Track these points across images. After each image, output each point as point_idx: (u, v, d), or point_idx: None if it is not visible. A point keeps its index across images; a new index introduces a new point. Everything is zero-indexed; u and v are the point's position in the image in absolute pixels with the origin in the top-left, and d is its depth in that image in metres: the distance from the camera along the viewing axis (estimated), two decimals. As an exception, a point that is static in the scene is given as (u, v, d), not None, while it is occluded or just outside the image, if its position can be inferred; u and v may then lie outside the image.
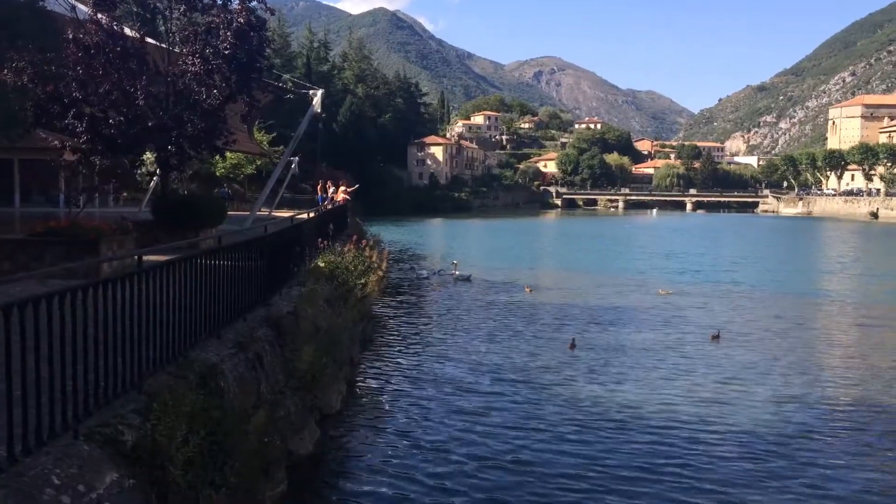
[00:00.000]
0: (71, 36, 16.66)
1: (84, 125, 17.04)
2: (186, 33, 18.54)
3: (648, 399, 14.39)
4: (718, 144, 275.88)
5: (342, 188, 34.46)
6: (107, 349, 5.73)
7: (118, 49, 17.04)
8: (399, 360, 17.81)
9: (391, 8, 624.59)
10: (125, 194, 31.78)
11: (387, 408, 13.73)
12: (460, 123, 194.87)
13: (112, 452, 5.42)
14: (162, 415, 6.01)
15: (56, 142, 20.40)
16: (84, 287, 5.41)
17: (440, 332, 21.29)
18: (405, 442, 11.69)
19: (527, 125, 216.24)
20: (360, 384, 15.35)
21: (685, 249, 53.54)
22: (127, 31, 18.43)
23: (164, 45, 19.77)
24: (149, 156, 25.13)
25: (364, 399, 14.37)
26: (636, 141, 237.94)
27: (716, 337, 20.72)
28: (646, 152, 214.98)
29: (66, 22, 17.52)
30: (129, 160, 19.28)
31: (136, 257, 6.95)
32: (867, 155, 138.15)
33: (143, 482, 5.63)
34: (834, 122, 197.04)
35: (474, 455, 11.13)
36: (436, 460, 10.87)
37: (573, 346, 19.20)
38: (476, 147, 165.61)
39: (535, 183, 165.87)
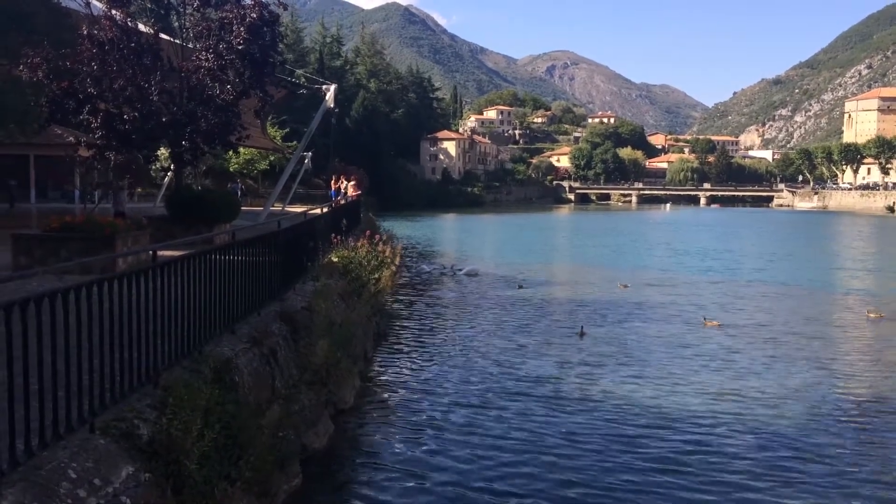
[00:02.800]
0: (85, 32, 16.76)
1: (99, 121, 17.15)
2: (200, 29, 18.61)
3: (662, 395, 14.32)
4: (733, 138, 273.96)
5: (353, 183, 34.49)
6: (122, 344, 5.75)
7: (132, 45, 17.14)
8: (413, 354, 17.81)
9: (403, 2, 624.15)
10: (140, 190, 31.96)
11: (401, 403, 13.72)
12: (473, 118, 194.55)
13: (128, 446, 5.44)
14: (177, 409, 6.03)
15: (71, 137, 20.54)
16: (99, 282, 5.43)
17: (453, 327, 21.27)
18: (419, 437, 11.68)
19: (540, 120, 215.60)
20: (374, 379, 15.36)
21: (714, 246, 52.30)
22: (141, 26, 18.55)
23: (177, 41, 19.88)
24: (163, 151, 25.27)
25: (378, 394, 14.37)
26: (650, 135, 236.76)
27: (714, 323, 21.50)
28: (659, 146, 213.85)
29: (80, 18, 17.62)
30: (144, 156, 19.38)
31: (150, 253, 6.97)
32: (883, 148, 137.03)
33: (159, 476, 5.65)
34: (850, 116, 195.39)
35: (488, 449, 11.10)
36: (449, 455, 10.85)
37: (582, 333, 19.71)
38: (489, 142, 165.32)
39: (548, 177, 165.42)
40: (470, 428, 12.13)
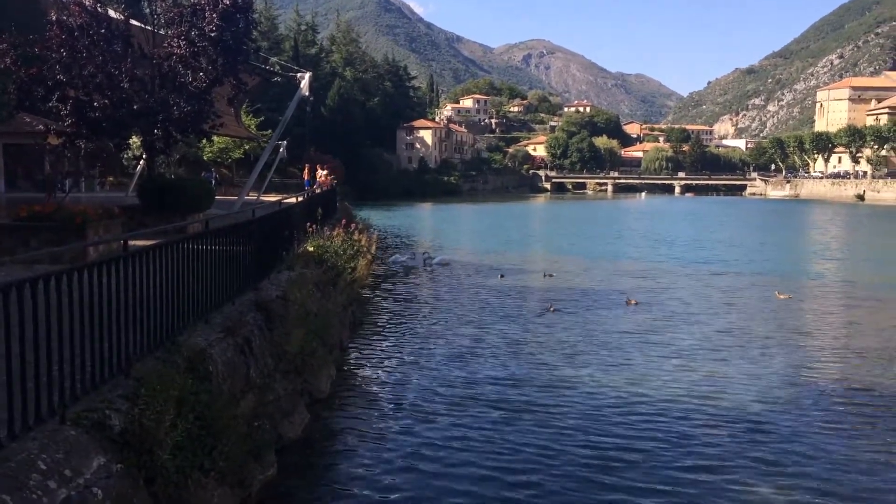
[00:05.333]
0: (54, 18, 16.46)
1: (68, 108, 16.88)
2: (171, 15, 18.36)
3: (636, 382, 14.47)
4: (707, 127, 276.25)
5: (325, 172, 34.47)
6: (93, 334, 5.69)
7: (102, 31, 16.87)
8: (388, 343, 17.81)
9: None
10: (111, 179, 31.55)
11: (377, 391, 13.73)
12: (449, 107, 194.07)
13: (99, 437, 5.39)
14: (150, 399, 5.99)
15: (40, 125, 20.21)
16: (70, 271, 5.36)
17: (428, 316, 21.30)
18: (395, 426, 11.70)
19: (516, 109, 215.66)
20: (350, 368, 15.34)
21: (683, 236, 52.29)
22: (111, 12, 18.23)
23: (148, 28, 19.56)
24: (135, 140, 24.94)
25: (354, 383, 14.37)
26: (625, 124, 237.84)
27: (632, 302, 23.13)
28: (635, 136, 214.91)
29: (49, 3, 17.30)
30: (115, 144, 19.13)
31: (121, 242, 6.89)
32: (854, 137, 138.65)
33: (131, 467, 5.61)
34: (821, 105, 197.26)
35: (464, 438, 11.14)
36: (425, 444, 10.88)
37: (553, 309, 21.50)
38: (465, 131, 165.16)
39: (525, 167, 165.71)
40: (446, 417, 12.16)
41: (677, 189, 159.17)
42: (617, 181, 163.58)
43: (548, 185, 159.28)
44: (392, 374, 14.99)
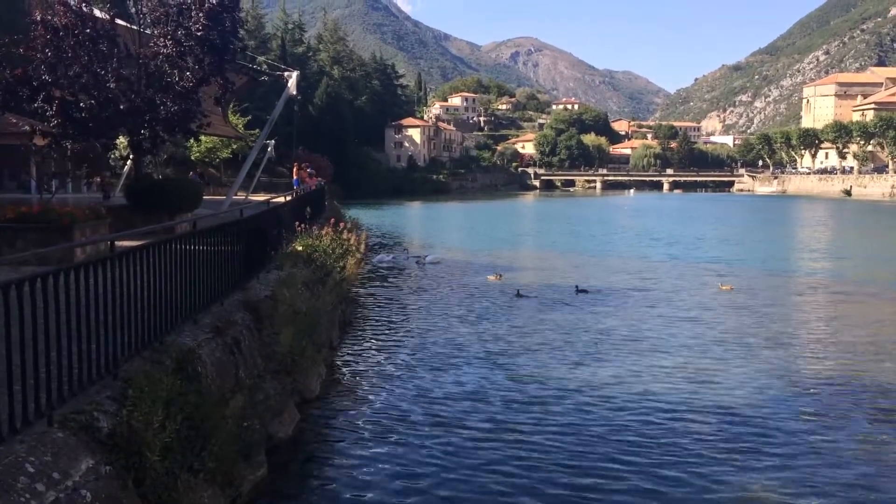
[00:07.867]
0: (39, 17, 16.35)
1: (54, 109, 16.77)
2: (157, 14, 18.26)
3: (619, 377, 14.52)
4: (694, 124, 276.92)
5: (308, 171, 34.52)
6: (81, 335, 5.66)
7: (88, 31, 16.77)
8: (378, 343, 17.79)
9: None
10: (98, 179, 31.35)
11: (367, 391, 13.71)
12: (437, 105, 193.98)
13: (87, 439, 5.37)
14: (138, 400, 5.96)
15: (26, 126, 20.06)
16: (57, 273, 5.33)
17: (419, 315, 21.30)
18: (385, 426, 11.67)
19: (504, 106, 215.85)
20: (340, 368, 15.32)
21: (692, 233, 51.85)
22: (96, 12, 18.13)
23: (134, 27, 19.46)
24: (122, 140, 24.79)
25: (344, 382, 14.34)
26: (613, 121, 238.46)
27: (583, 290, 24.27)
28: (623, 132, 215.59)
29: (33, 3, 17.19)
30: (102, 144, 19.02)
31: (108, 242, 6.86)
32: (840, 133, 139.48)
33: (120, 468, 5.59)
34: (808, 101, 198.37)
35: (454, 439, 11.15)
36: (415, 444, 10.87)
37: (519, 295, 23.36)
38: (453, 129, 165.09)
39: (513, 164, 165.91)
40: (436, 417, 12.15)
41: (666, 186, 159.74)
42: (606, 178, 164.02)
43: (537, 183, 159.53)
44: (382, 373, 14.97)
